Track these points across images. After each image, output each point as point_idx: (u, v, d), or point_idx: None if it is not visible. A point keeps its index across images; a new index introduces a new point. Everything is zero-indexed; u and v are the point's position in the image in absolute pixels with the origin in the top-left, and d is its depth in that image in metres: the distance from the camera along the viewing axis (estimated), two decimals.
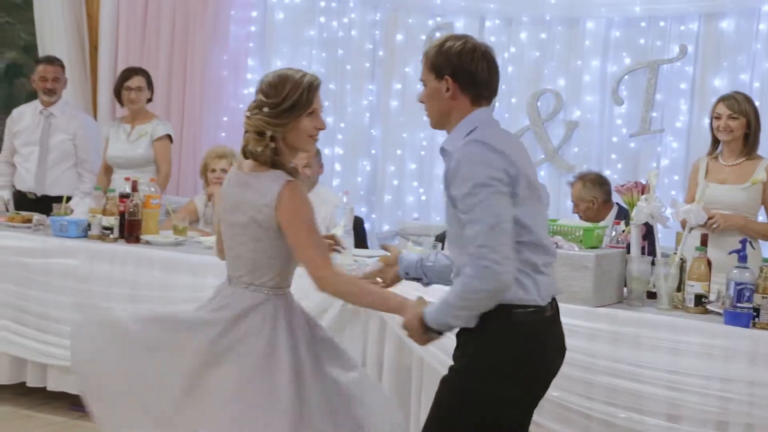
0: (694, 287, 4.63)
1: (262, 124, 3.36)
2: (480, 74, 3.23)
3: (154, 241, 5.69)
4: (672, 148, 6.70)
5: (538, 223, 3.22)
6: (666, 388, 4.42)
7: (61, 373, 5.70)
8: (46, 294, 5.70)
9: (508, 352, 3.16)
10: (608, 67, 6.85)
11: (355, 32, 7.52)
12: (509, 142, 3.26)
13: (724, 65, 6.55)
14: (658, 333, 4.48)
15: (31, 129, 7.01)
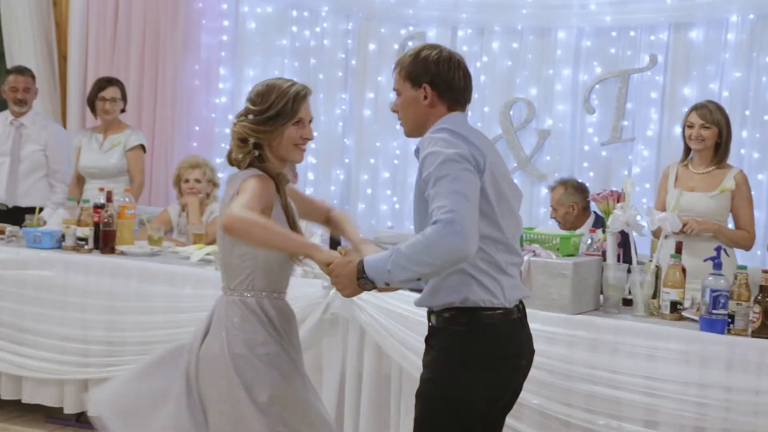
0: (669, 294, 4.68)
1: (246, 131, 3.39)
2: (457, 82, 3.32)
3: (129, 251, 5.69)
4: (643, 156, 6.76)
5: (507, 222, 3.25)
6: (644, 394, 4.47)
7: (36, 385, 5.71)
8: (20, 306, 5.68)
9: (476, 354, 3.21)
10: (579, 76, 6.90)
11: (327, 41, 7.54)
12: (479, 139, 3.29)
13: (693, 74, 6.61)
14: (635, 340, 4.53)
15: (2, 140, 6.97)
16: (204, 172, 6.46)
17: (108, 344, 5.51)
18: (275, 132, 3.39)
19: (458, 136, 3.17)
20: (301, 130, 3.43)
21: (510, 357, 3.28)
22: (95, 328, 5.53)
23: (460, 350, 3.21)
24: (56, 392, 5.68)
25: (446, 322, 3.24)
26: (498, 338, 3.22)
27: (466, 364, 3.20)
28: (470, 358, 3.20)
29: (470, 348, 3.20)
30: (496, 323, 3.20)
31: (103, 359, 5.52)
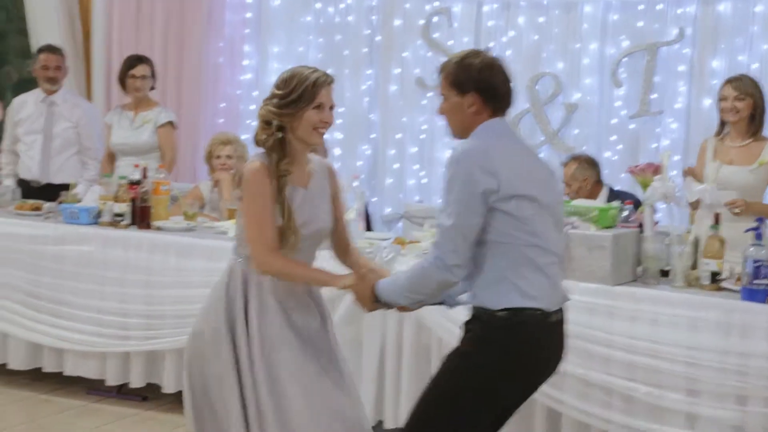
0: (708, 265, 4.70)
1: (269, 114, 3.52)
2: (500, 87, 3.34)
3: (165, 226, 5.73)
4: (671, 129, 6.76)
5: (540, 228, 3.28)
6: (685, 364, 4.49)
7: (77, 358, 5.77)
8: (59, 280, 5.74)
9: (507, 349, 3.25)
10: (607, 50, 6.89)
11: (352, 17, 7.54)
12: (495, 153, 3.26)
13: (721, 47, 6.60)
14: (675, 310, 4.56)
15: (34, 118, 7.01)
16: (235, 149, 6.49)
17: (147, 317, 5.56)
18: (296, 115, 3.48)
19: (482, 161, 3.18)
20: (321, 114, 3.51)
21: (537, 358, 3.32)
22: (134, 302, 5.59)
23: (492, 340, 3.26)
24: (98, 365, 5.74)
25: (483, 314, 3.28)
26: (531, 338, 3.26)
27: (496, 354, 3.25)
28: (500, 349, 3.25)
29: (502, 340, 3.25)
30: (531, 323, 3.24)
31: (143, 332, 5.57)
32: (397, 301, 3.36)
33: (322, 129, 3.54)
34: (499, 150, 3.27)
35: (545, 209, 3.32)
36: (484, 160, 3.19)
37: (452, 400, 3.29)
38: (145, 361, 5.65)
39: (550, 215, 3.36)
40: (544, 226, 3.31)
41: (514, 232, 3.23)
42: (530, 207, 3.25)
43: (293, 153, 3.54)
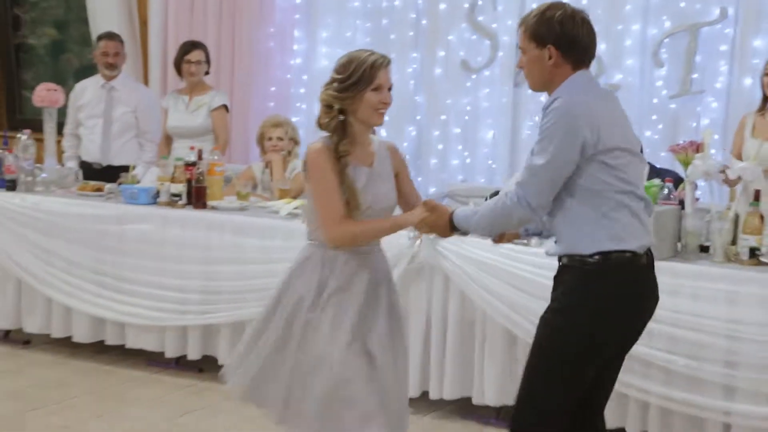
0: (748, 240, 4.71)
1: (330, 98, 3.50)
2: (581, 40, 3.27)
3: (220, 206, 5.80)
4: (712, 108, 6.70)
5: (634, 175, 3.27)
6: (724, 337, 4.52)
7: (138, 332, 5.87)
8: (120, 258, 5.84)
9: (602, 293, 3.22)
10: (648, 31, 6.83)
11: (398, 2, 7.52)
12: (596, 104, 3.26)
13: (764, 26, 6.51)
14: (715, 284, 4.58)
15: (94, 102, 7.09)
16: (286, 131, 6.54)
17: (204, 293, 5.64)
18: (356, 98, 3.47)
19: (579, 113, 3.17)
20: (380, 95, 3.51)
21: (634, 298, 3.27)
22: (192, 278, 5.67)
23: (587, 287, 3.22)
24: (157, 338, 5.84)
25: (576, 262, 3.25)
26: (624, 279, 3.22)
27: (592, 300, 3.21)
28: (596, 295, 3.21)
29: (597, 286, 3.21)
30: (623, 264, 3.20)
31: (200, 307, 5.66)
32: (475, 230, 3.35)
33: (382, 110, 3.54)
34: (598, 104, 3.26)
35: (636, 157, 3.32)
36: (588, 115, 3.17)
37: (555, 359, 3.26)
38: (202, 334, 5.74)
39: (640, 162, 3.38)
40: (636, 173, 3.31)
41: (609, 180, 3.19)
42: (624, 156, 3.23)
43: (354, 134, 3.53)
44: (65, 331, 6.09)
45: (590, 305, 3.22)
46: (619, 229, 3.20)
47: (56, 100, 6.93)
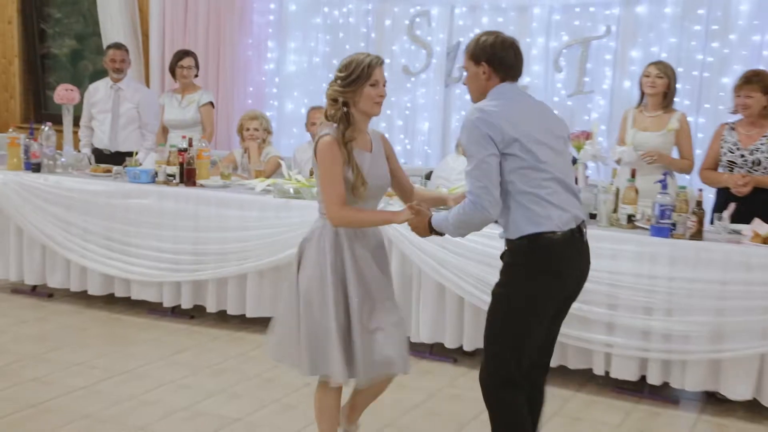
0: (626, 209, 4.79)
1: (335, 93, 3.38)
2: (507, 60, 3.26)
3: (207, 184, 5.78)
4: (600, 105, 6.75)
5: (551, 163, 3.17)
6: (607, 285, 4.59)
7: (141, 286, 5.85)
8: (126, 226, 5.80)
9: (529, 268, 3.20)
10: (550, 44, 6.87)
11: (352, 19, 7.50)
12: (515, 108, 3.20)
13: (639, 40, 6.59)
14: (600, 243, 4.61)
15: (105, 100, 7.01)
16: (261, 123, 6.52)
17: (194, 254, 5.64)
18: (357, 92, 3.36)
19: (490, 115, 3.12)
20: (377, 89, 3.39)
21: (554, 270, 3.20)
22: (184, 243, 5.64)
23: (522, 262, 3.22)
24: (156, 291, 5.82)
25: (509, 245, 3.26)
26: (551, 254, 3.17)
27: (527, 273, 3.21)
28: (525, 270, 3.21)
29: (525, 263, 3.20)
30: (549, 243, 3.16)
31: (191, 266, 5.65)
32: (450, 233, 3.27)
33: (379, 101, 3.41)
34: (513, 107, 3.18)
35: (552, 148, 3.21)
36: (488, 114, 3.12)
37: (504, 322, 3.23)
38: (193, 287, 5.74)
39: (554, 151, 3.22)
40: (552, 162, 3.18)
41: (523, 170, 3.13)
42: (540, 148, 3.15)
43: (356, 123, 3.40)
44: (81, 286, 6.06)
45: (521, 279, 3.22)
46: (534, 216, 3.15)
47: (73, 98, 6.88)
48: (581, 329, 4.68)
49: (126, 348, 5.27)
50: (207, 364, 4.99)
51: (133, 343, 5.36)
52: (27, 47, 9.06)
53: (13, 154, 6.32)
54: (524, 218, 3.16)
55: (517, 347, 3.24)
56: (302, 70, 7.70)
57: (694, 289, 4.47)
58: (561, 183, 3.21)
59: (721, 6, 6.35)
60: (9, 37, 9.02)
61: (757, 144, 5.06)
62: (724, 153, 5.15)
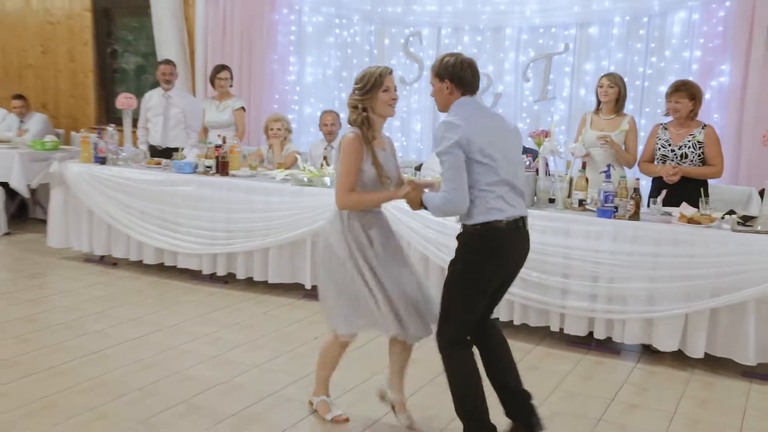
0: (578, 195, 4.73)
1: (355, 101, 3.30)
2: (466, 77, 3.19)
3: (237, 174, 5.73)
4: (560, 109, 6.63)
5: (503, 167, 3.13)
6: (561, 257, 4.54)
7: (184, 257, 5.81)
8: (172, 209, 5.77)
9: (477, 249, 3.16)
10: (520, 58, 6.74)
11: (358, 38, 7.40)
12: (477, 118, 3.15)
13: (591, 55, 6.46)
14: (556, 223, 4.59)
15: (157, 106, 6.95)
16: (283, 124, 6.46)
17: (227, 231, 5.60)
18: (373, 98, 3.28)
19: (456, 128, 3.06)
20: (389, 94, 3.31)
21: (497, 252, 3.14)
22: (219, 222, 5.60)
23: (469, 245, 3.18)
24: (197, 261, 5.79)
25: (464, 228, 3.20)
26: (495, 239, 3.14)
27: (472, 253, 3.16)
28: (474, 250, 3.16)
29: (474, 244, 3.16)
30: (496, 230, 3.13)
31: (224, 241, 5.61)
32: (432, 212, 3.20)
33: (392, 104, 3.33)
34: (474, 120, 3.12)
35: (503, 152, 3.15)
36: (456, 126, 3.07)
37: (457, 292, 3.18)
38: (226, 258, 5.70)
39: (506, 158, 3.15)
40: (505, 166, 3.14)
41: (480, 176, 3.09)
42: (490, 153, 3.09)
43: (375, 125, 3.33)
44: (138, 256, 6.03)
45: (472, 257, 3.17)
46: (487, 208, 3.11)
47: (131, 104, 6.82)
48: (540, 293, 4.64)
49: (172, 307, 5.23)
50: (236, 321, 4.95)
51: (177, 303, 5.33)
52: (100, 63, 9.00)
53: (84, 150, 6.28)
54: (479, 209, 3.12)
55: (465, 314, 3.19)
56: (318, 80, 7.61)
57: (632, 261, 4.41)
58: (510, 185, 3.17)
59: (657, 27, 6.23)
60: (86, 56, 8.97)
61: (685, 141, 4.97)
62: (658, 148, 5.06)
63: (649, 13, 6.23)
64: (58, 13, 9.05)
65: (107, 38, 8.97)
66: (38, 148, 7.36)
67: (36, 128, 8.02)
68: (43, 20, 9.15)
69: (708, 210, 4.49)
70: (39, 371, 3.99)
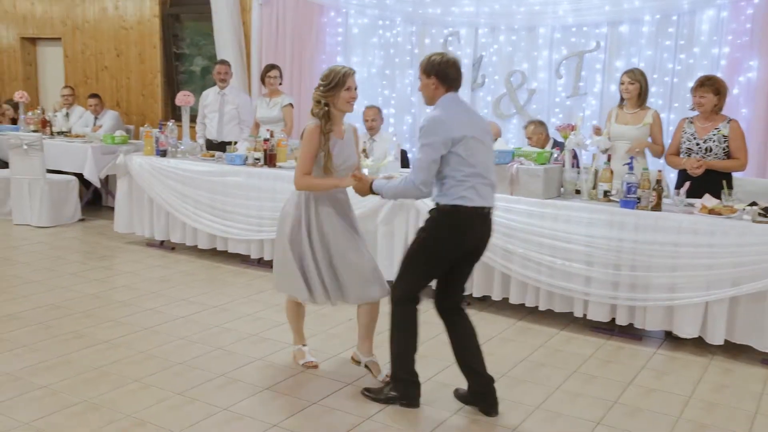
0: (602, 186, 4.59)
1: (319, 96, 3.43)
2: (450, 74, 3.22)
3: (284, 165, 5.71)
4: (592, 104, 6.44)
5: (479, 160, 3.18)
6: (584, 245, 4.41)
7: (235, 242, 5.82)
8: (225, 197, 5.79)
9: (443, 225, 3.21)
10: (553, 56, 6.57)
11: (400, 39, 7.32)
12: (459, 114, 3.17)
13: (622, 53, 6.25)
14: (581, 213, 4.46)
15: (213, 103, 6.99)
16: None
17: (273, 219, 5.51)
18: (335, 95, 3.40)
19: (442, 124, 3.09)
20: (349, 93, 3.42)
21: (460, 232, 3.20)
22: (266, 210, 5.59)
23: (438, 221, 3.23)
24: (246, 246, 5.77)
25: (438, 207, 3.24)
26: (460, 221, 3.19)
27: (441, 227, 3.22)
28: (440, 225, 3.22)
29: (446, 220, 3.21)
30: (464, 212, 3.17)
31: (271, 228, 5.53)
32: (387, 197, 3.31)
33: (352, 102, 3.45)
34: (455, 115, 3.16)
35: (480, 146, 3.18)
36: (442, 123, 3.11)
37: (418, 256, 3.26)
38: (272, 244, 5.62)
39: (485, 151, 3.21)
40: (481, 159, 3.19)
41: (459, 167, 3.15)
42: (470, 146, 3.13)
43: (334, 118, 3.45)
44: (193, 241, 6.06)
45: (436, 230, 3.23)
46: (459, 195, 3.16)
47: (188, 101, 6.85)
48: (564, 280, 4.51)
49: (221, 288, 5.26)
50: (277, 302, 4.94)
51: (226, 285, 5.35)
52: (167, 65, 9.13)
53: (147, 144, 6.36)
54: (452, 193, 3.18)
55: (417, 277, 3.28)
56: (362, 78, 7.52)
57: (654, 250, 4.25)
58: (483, 177, 3.20)
59: (686, 25, 5.97)
60: (154, 59, 9.11)
61: (710, 134, 4.75)
62: (684, 142, 4.86)
63: (679, 11, 5.99)
64: (131, 19, 9.21)
65: (174, 41, 9.09)
66: (108, 142, 7.51)
67: (109, 124, 8.19)
68: (118, 26, 9.33)
69: (730, 201, 4.30)
70: (99, 343, 4.07)
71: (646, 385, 3.79)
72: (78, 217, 7.45)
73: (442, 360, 3.89)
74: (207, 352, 3.99)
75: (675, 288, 4.23)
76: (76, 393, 3.43)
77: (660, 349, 4.34)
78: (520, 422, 3.29)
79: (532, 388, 3.67)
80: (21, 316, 4.50)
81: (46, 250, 6.23)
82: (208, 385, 3.55)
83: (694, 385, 3.82)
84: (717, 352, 4.27)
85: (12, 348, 3.98)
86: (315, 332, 4.37)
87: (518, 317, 4.80)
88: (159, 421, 3.16)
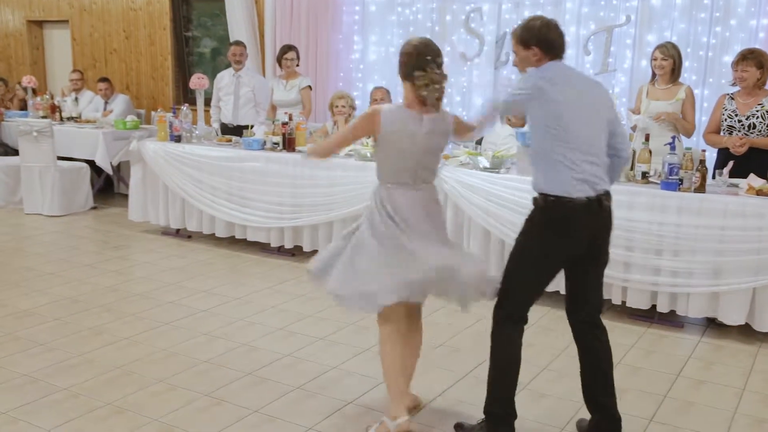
0: (641, 167, 4.40)
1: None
2: (555, 41, 2.73)
3: (303, 150, 5.52)
4: (621, 81, 6.22)
5: (581, 136, 2.66)
6: (624, 230, 4.22)
7: (254, 230, 5.67)
8: (242, 183, 5.63)
9: (547, 222, 2.71)
10: (581, 31, 6.34)
11: (420, 16, 7.10)
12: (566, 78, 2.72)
13: (654, 27, 6.02)
14: (619, 196, 4.14)
15: (228, 85, 6.82)
16: (347, 101, 6.22)
17: (293, 206, 5.43)
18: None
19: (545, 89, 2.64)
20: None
21: (567, 229, 2.67)
22: (285, 197, 5.44)
23: (537, 218, 2.74)
24: (265, 234, 5.65)
25: (534, 198, 2.77)
26: (563, 215, 2.67)
27: (538, 228, 2.73)
28: (541, 225, 2.72)
29: (543, 218, 2.72)
30: (556, 206, 2.67)
31: (291, 215, 5.45)
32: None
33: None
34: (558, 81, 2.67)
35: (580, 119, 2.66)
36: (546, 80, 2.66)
37: (519, 264, 2.78)
38: (293, 232, 5.54)
39: (587, 124, 2.68)
40: (579, 136, 2.66)
41: (554, 141, 2.65)
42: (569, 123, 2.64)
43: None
44: (211, 229, 5.92)
45: (534, 233, 2.76)
46: (553, 179, 2.67)
47: (203, 84, 6.67)
48: None
49: (241, 279, 5.11)
50: (301, 293, 4.79)
51: (246, 275, 5.21)
52: (177, 47, 8.93)
53: (161, 129, 6.19)
54: (547, 178, 2.70)
55: (523, 289, 2.79)
56: (381, 58, 7.33)
57: (698, 234, 4.06)
58: (586, 155, 2.68)
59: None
60: (164, 40, 8.91)
61: (753, 111, 4.54)
62: (725, 119, 4.64)
63: None
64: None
65: (184, 23, 8.88)
66: (120, 127, 7.35)
67: (119, 109, 8.03)
68: (126, 7, 9.12)
69: None
70: (119, 340, 3.92)
71: (695, 377, 3.61)
72: (90, 205, 7.31)
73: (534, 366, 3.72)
74: (232, 349, 3.84)
75: (720, 273, 4.05)
76: (98, 395, 3.28)
77: (704, 337, 4.16)
78: (568, 421, 3.11)
79: (576, 383, 3.46)
80: (37, 311, 4.36)
81: (60, 240, 6.10)
82: (235, 385, 3.40)
83: (745, 375, 3.64)
84: (765, 339, 4.08)
85: (29, 347, 3.83)
86: (342, 325, 4.21)
87: (552, 304, 4.62)
88: (188, 426, 3.01)
